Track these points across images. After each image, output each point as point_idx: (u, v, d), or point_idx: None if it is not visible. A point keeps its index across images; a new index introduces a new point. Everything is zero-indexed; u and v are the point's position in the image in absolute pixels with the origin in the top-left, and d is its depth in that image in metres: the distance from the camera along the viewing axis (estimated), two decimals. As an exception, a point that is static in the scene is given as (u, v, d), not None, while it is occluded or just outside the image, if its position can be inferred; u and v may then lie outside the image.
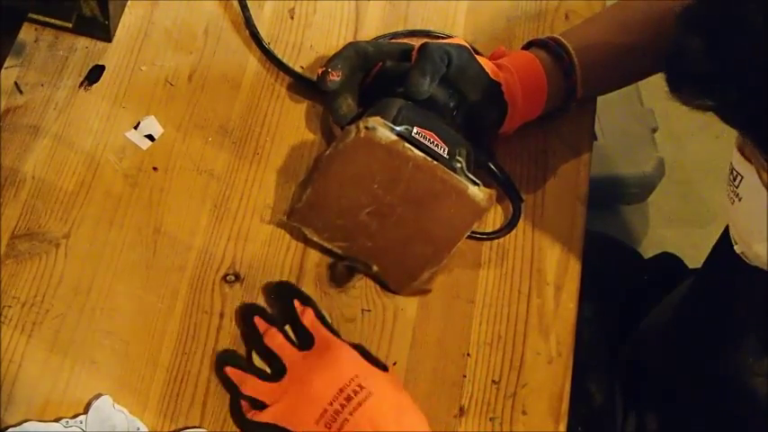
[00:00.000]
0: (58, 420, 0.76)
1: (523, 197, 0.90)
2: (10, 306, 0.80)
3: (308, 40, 0.96)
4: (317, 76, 0.87)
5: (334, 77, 0.86)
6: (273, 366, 0.79)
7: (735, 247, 0.73)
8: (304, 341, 0.80)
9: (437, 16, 0.99)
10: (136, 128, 0.89)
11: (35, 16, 0.91)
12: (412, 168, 0.79)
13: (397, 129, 0.79)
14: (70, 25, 0.91)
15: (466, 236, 0.82)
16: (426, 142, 0.80)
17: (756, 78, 0.57)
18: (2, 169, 0.85)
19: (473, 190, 0.80)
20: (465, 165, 0.82)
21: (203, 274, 0.84)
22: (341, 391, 0.74)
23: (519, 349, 0.85)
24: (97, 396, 0.77)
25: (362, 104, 0.88)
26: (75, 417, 0.76)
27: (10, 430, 0.75)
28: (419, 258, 0.83)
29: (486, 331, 0.85)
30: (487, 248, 0.89)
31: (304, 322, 0.80)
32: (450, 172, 0.80)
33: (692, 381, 0.94)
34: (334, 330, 0.81)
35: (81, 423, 0.76)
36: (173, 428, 0.78)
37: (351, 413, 0.73)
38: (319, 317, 0.81)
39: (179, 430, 0.78)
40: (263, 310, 0.82)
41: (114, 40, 0.92)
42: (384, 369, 0.78)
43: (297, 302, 0.82)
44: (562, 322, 0.87)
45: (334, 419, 0.74)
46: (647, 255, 1.24)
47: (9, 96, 0.88)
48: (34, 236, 0.83)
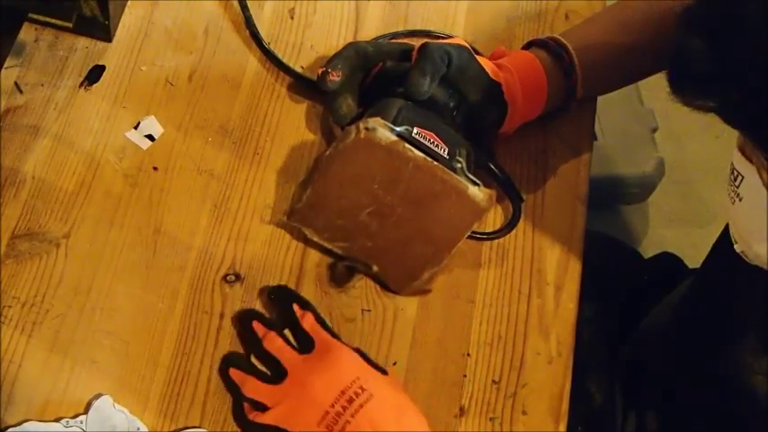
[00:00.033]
0: (58, 420, 0.76)
1: (523, 197, 0.90)
2: (10, 306, 0.80)
3: (308, 40, 0.96)
4: (317, 76, 0.87)
5: (335, 78, 0.86)
6: (274, 370, 0.78)
7: (735, 247, 0.73)
8: (304, 345, 0.79)
9: (437, 16, 0.99)
10: (136, 128, 0.89)
11: (35, 16, 0.91)
12: (412, 169, 0.79)
13: (398, 129, 0.79)
14: (70, 25, 0.91)
15: (466, 236, 0.82)
16: (426, 142, 0.80)
17: (757, 78, 0.57)
18: (2, 169, 0.85)
19: (473, 190, 0.80)
20: (465, 165, 0.82)
21: (203, 274, 0.84)
22: (342, 394, 0.74)
23: (519, 349, 0.85)
24: (97, 396, 0.77)
25: (362, 104, 0.88)
26: (75, 417, 0.76)
27: (10, 430, 0.75)
28: (419, 258, 0.83)
29: (487, 331, 0.85)
30: (487, 248, 0.89)
31: (304, 326, 0.80)
32: (451, 172, 0.80)
33: (692, 381, 0.94)
34: (335, 333, 0.81)
35: (81, 423, 0.76)
36: (173, 428, 0.78)
37: (352, 415, 0.73)
38: (319, 320, 0.81)
39: (179, 430, 0.78)
40: (260, 314, 0.82)
41: (114, 40, 0.92)
42: (383, 373, 0.78)
43: (296, 306, 0.81)
44: (562, 322, 0.87)
45: (336, 422, 0.73)
46: (647, 255, 1.24)
47: (9, 96, 0.88)
48: (34, 236, 0.83)
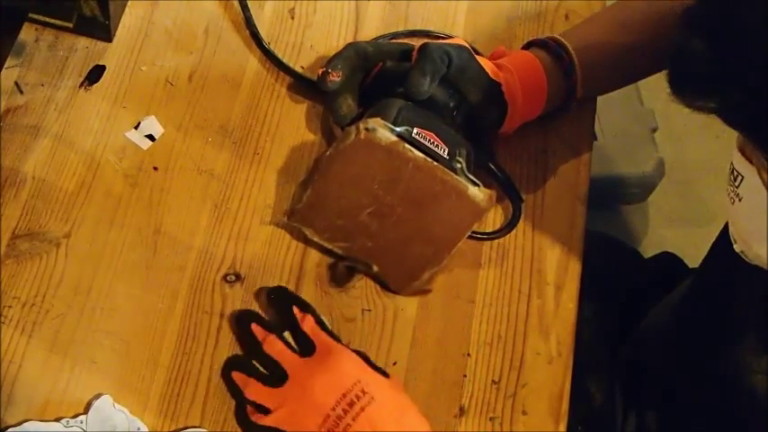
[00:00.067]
0: (58, 420, 0.76)
1: (523, 197, 0.90)
2: (10, 306, 0.80)
3: (309, 40, 0.96)
4: (317, 76, 0.87)
5: (335, 78, 0.86)
6: (275, 373, 0.78)
7: (734, 246, 0.73)
8: (305, 348, 0.79)
9: (437, 16, 0.99)
10: (136, 128, 0.89)
11: (35, 16, 0.91)
12: (412, 169, 0.79)
13: (397, 129, 0.79)
14: (70, 25, 0.91)
15: (466, 236, 0.82)
16: (426, 143, 0.80)
17: (757, 79, 0.57)
18: (2, 169, 0.85)
19: (473, 190, 0.80)
20: (465, 165, 0.82)
21: (203, 274, 0.84)
22: (343, 397, 0.74)
23: (519, 349, 0.85)
24: (97, 396, 0.77)
25: (363, 105, 0.88)
26: (75, 417, 0.76)
27: (10, 430, 0.75)
28: (419, 258, 0.83)
29: (487, 331, 0.85)
30: (487, 248, 0.89)
31: (304, 328, 0.80)
32: (451, 172, 0.80)
33: (692, 380, 0.94)
34: (335, 336, 0.80)
35: (81, 423, 0.76)
36: (173, 428, 0.78)
37: (353, 418, 0.73)
38: (319, 322, 0.80)
39: (179, 430, 0.78)
40: (259, 316, 0.81)
41: (114, 40, 0.92)
42: (385, 375, 0.78)
43: (296, 309, 0.81)
44: (562, 322, 0.87)
45: (337, 425, 0.73)
46: (647, 255, 1.24)
47: (9, 96, 0.88)
48: (34, 236, 0.83)
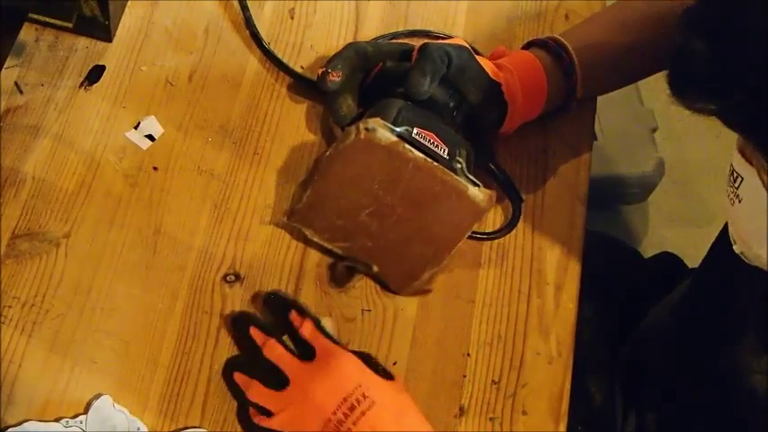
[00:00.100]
0: (58, 420, 0.76)
1: (523, 197, 0.90)
2: (10, 306, 0.80)
3: (308, 40, 0.96)
4: (317, 76, 0.87)
5: (334, 78, 0.86)
6: (276, 378, 0.77)
7: (734, 247, 0.73)
8: (305, 352, 0.78)
9: (437, 16, 0.99)
10: (136, 128, 0.89)
11: (35, 16, 0.91)
12: (412, 169, 0.79)
13: (397, 130, 0.79)
14: (70, 25, 0.91)
15: (466, 236, 0.82)
16: (426, 143, 0.80)
17: (758, 81, 0.57)
18: (2, 169, 0.85)
19: (473, 191, 0.80)
20: (465, 165, 0.82)
21: (203, 274, 0.84)
22: (344, 401, 0.74)
23: (519, 349, 0.85)
24: (97, 396, 0.77)
25: (363, 105, 0.88)
26: (75, 417, 0.77)
27: (10, 430, 0.75)
28: (419, 259, 0.83)
29: (487, 331, 0.85)
30: (487, 248, 0.89)
31: (303, 333, 0.79)
32: (450, 173, 0.80)
33: (691, 380, 0.94)
34: (335, 339, 0.80)
35: (81, 423, 0.76)
36: (173, 428, 0.78)
37: (354, 422, 0.73)
38: (318, 327, 0.80)
39: (179, 430, 0.78)
40: (257, 319, 0.81)
41: (114, 40, 0.92)
42: (389, 377, 0.78)
43: (294, 314, 0.81)
44: (562, 322, 0.87)
45: (338, 429, 0.73)
46: (647, 255, 1.24)
47: (9, 96, 0.88)
48: (34, 236, 0.83)
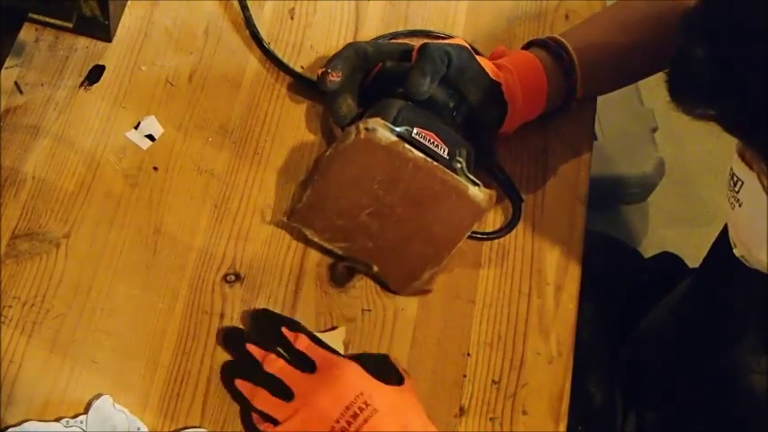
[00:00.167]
0: (58, 420, 0.76)
1: (523, 197, 0.90)
2: (10, 306, 0.80)
3: (308, 40, 0.96)
4: (316, 76, 0.87)
5: (334, 78, 0.86)
6: (280, 391, 0.76)
7: (734, 251, 0.73)
8: (304, 365, 0.77)
9: (437, 16, 0.99)
10: (136, 128, 0.89)
11: (35, 16, 0.90)
12: (412, 169, 0.79)
13: (397, 130, 0.79)
14: (70, 25, 0.91)
15: (466, 236, 0.82)
16: (426, 143, 0.80)
17: (758, 87, 0.57)
18: (2, 169, 0.85)
19: (473, 190, 0.80)
20: (465, 165, 0.82)
21: (203, 274, 0.84)
22: (347, 409, 0.73)
23: (519, 349, 0.85)
24: (97, 396, 0.77)
25: (362, 105, 0.88)
26: (75, 417, 0.76)
27: (10, 430, 0.75)
28: (419, 259, 0.83)
29: (487, 331, 0.85)
30: (487, 248, 0.89)
31: (299, 347, 0.78)
32: (451, 173, 0.80)
33: (691, 380, 0.94)
34: (332, 349, 0.79)
35: (81, 423, 0.76)
36: (173, 428, 0.78)
37: (357, 430, 0.73)
38: (314, 339, 0.79)
39: (179, 430, 0.78)
40: (251, 336, 0.80)
41: (114, 40, 0.92)
42: (401, 381, 0.77)
43: (285, 330, 0.79)
44: (562, 322, 0.87)
45: None
46: (647, 255, 1.24)
47: (9, 96, 0.88)
48: (34, 236, 0.83)
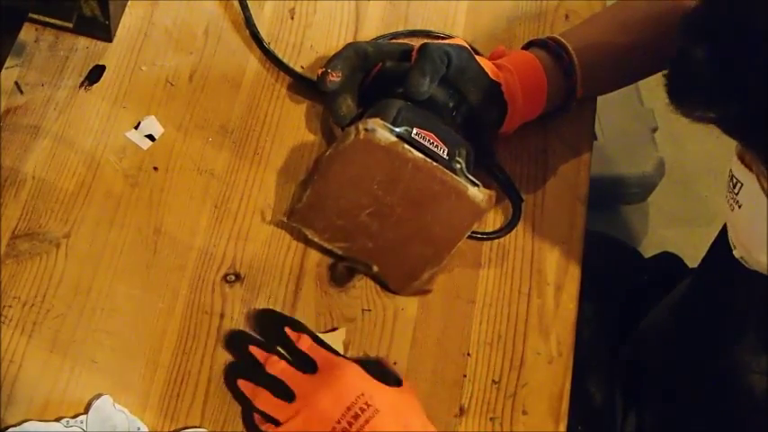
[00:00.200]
0: (58, 420, 0.76)
1: (523, 197, 0.90)
2: (10, 306, 0.80)
3: (308, 40, 0.96)
4: (316, 76, 0.87)
5: (334, 78, 0.86)
6: (282, 392, 0.77)
7: (734, 252, 0.73)
8: (306, 366, 0.78)
9: (437, 16, 0.99)
10: (136, 128, 0.89)
11: (35, 16, 0.90)
12: (411, 169, 0.79)
13: (397, 130, 0.79)
14: (71, 25, 0.91)
15: (466, 236, 0.82)
16: (426, 143, 0.80)
17: (758, 89, 0.56)
18: (2, 169, 0.85)
19: (473, 191, 0.80)
20: (465, 165, 0.82)
21: (203, 273, 0.84)
22: (348, 410, 0.74)
23: (519, 349, 0.85)
24: (97, 396, 0.77)
25: (362, 105, 0.88)
26: (75, 416, 0.76)
27: (10, 430, 0.75)
28: (419, 259, 0.83)
29: (487, 331, 0.85)
30: (487, 248, 0.89)
31: (302, 347, 0.78)
32: (450, 173, 0.80)
33: (691, 380, 0.94)
34: (334, 350, 0.80)
35: (81, 423, 0.76)
36: (173, 428, 0.78)
37: (358, 431, 0.73)
38: (316, 340, 0.79)
39: (179, 430, 0.78)
40: (254, 337, 0.80)
41: (114, 40, 0.92)
42: (398, 383, 0.77)
43: (288, 330, 0.80)
44: (562, 322, 0.87)
45: None
46: (647, 255, 1.24)
47: (9, 96, 0.88)
48: (34, 236, 0.83)
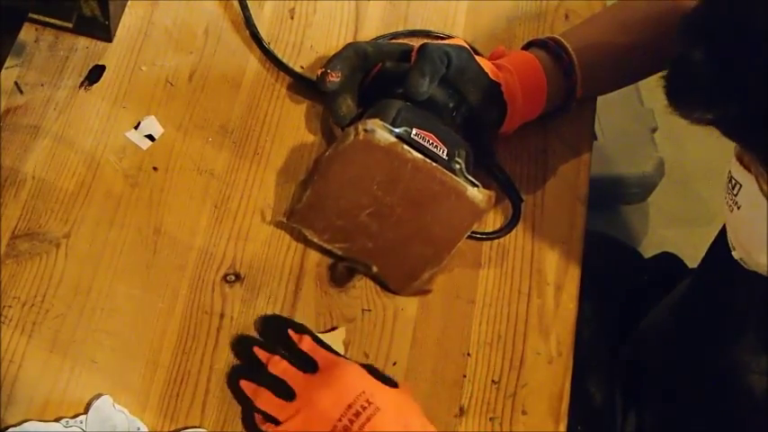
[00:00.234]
0: (58, 420, 0.76)
1: (523, 197, 0.90)
2: (10, 306, 0.80)
3: (308, 40, 0.96)
4: (316, 76, 0.87)
5: (334, 78, 0.86)
6: (283, 391, 0.77)
7: (733, 253, 0.73)
8: (307, 366, 0.78)
9: (437, 16, 0.99)
10: (136, 128, 0.89)
11: (35, 16, 0.90)
12: (411, 170, 0.79)
13: (396, 130, 0.79)
14: (70, 25, 0.91)
15: (465, 236, 0.82)
16: (425, 143, 0.80)
17: (757, 91, 0.56)
18: (2, 169, 0.85)
19: (472, 191, 0.80)
20: (464, 166, 0.82)
21: (203, 273, 0.84)
22: (349, 408, 0.74)
23: (519, 349, 0.85)
24: (97, 396, 0.77)
25: (362, 105, 0.88)
26: (75, 417, 0.76)
27: (10, 430, 0.75)
28: (419, 259, 0.83)
29: (487, 331, 0.86)
30: (487, 248, 0.89)
31: (303, 348, 0.79)
32: (450, 173, 0.80)
33: (691, 380, 0.94)
34: (335, 351, 0.80)
35: (81, 423, 0.76)
36: (173, 428, 0.78)
37: (359, 429, 0.73)
38: (317, 341, 0.79)
39: (179, 430, 0.78)
40: (258, 340, 0.80)
41: (114, 40, 0.92)
42: (393, 385, 0.78)
43: (291, 332, 0.80)
44: (562, 322, 0.87)
45: None
46: (647, 255, 1.24)
47: (9, 96, 0.88)
48: (34, 236, 0.83)
